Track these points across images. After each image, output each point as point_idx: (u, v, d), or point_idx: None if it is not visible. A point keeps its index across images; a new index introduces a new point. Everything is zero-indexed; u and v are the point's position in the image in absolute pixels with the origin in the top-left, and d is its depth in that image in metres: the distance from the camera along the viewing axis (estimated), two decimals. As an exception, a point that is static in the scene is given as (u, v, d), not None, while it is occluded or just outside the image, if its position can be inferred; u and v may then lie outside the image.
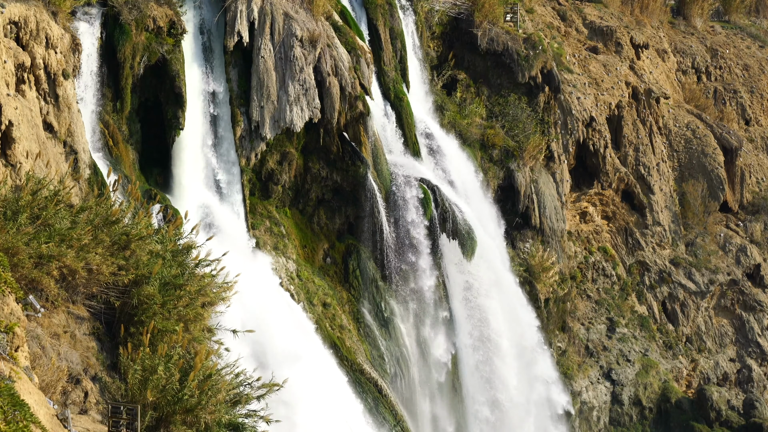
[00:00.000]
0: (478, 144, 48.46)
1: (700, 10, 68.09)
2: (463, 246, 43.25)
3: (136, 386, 18.58)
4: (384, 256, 41.58)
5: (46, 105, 30.49)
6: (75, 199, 25.71)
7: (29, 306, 18.11)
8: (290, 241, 40.28)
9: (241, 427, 19.77)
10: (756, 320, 57.72)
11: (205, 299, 21.73)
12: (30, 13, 29.60)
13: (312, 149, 41.04)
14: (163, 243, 22.15)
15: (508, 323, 45.82)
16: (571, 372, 50.79)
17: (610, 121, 55.76)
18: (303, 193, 41.41)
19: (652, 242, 56.64)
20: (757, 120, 65.50)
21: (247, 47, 38.72)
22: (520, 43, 50.28)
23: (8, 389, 14.18)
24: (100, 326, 21.00)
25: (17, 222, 19.30)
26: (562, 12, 59.85)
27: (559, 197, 51.18)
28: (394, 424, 38.92)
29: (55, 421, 16.08)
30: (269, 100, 38.66)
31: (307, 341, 37.05)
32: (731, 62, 66.84)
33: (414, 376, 42.05)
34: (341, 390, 37.24)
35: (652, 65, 60.81)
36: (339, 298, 40.89)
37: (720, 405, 53.44)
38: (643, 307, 55.46)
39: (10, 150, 27.10)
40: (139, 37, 35.22)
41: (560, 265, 50.78)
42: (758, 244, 59.85)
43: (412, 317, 42.58)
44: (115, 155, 34.89)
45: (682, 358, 55.13)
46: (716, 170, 59.13)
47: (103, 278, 20.53)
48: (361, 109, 40.84)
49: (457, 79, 50.50)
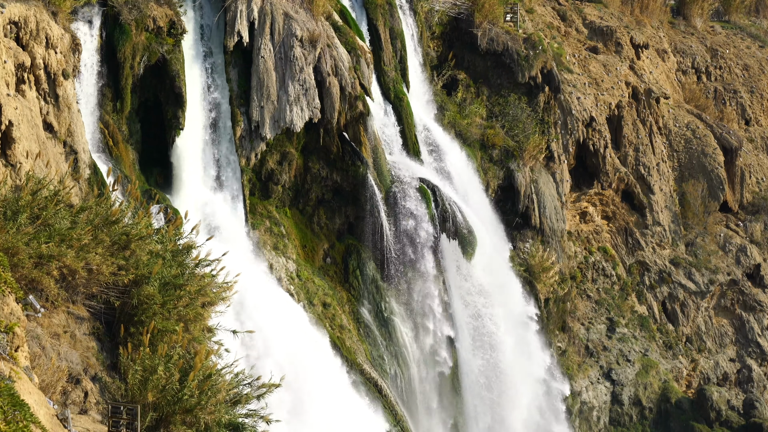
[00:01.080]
0: (478, 144, 48.46)
1: (700, 10, 68.08)
2: (464, 246, 43.25)
3: (136, 386, 18.58)
4: (384, 256, 41.57)
5: (46, 105, 30.49)
6: (75, 199, 25.71)
7: (29, 306, 18.11)
8: (290, 241, 40.29)
9: (241, 427, 19.77)
10: (756, 320, 57.72)
11: (205, 299, 21.72)
12: (30, 13, 29.60)
13: (312, 149, 41.04)
14: (163, 243, 22.14)
15: (508, 323, 45.83)
16: (571, 372, 50.79)
17: (610, 121, 55.75)
18: (303, 193, 41.41)
19: (652, 242, 56.63)
20: (757, 120, 65.49)
21: (247, 47, 38.72)
22: (520, 43, 50.28)
23: (8, 389, 14.18)
24: (100, 326, 21.00)
25: (17, 222, 19.29)
26: (562, 12, 59.84)
27: (559, 197, 51.18)
28: (394, 424, 38.92)
29: (55, 421, 16.08)
30: (269, 100, 38.66)
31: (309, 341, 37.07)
32: (731, 62, 66.83)
33: (414, 376, 42.05)
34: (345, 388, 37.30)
35: (652, 65, 60.81)
36: (339, 298, 40.89)
37: (720, 405, 53.44)
38: (643, 307, 55.46)
39: (10, 150, 27.10)
40: (139, 37, 35.22)
41: (560, 265, 50.78)
42: (758, 244, 59.84)
43: (412, 317, 42.57)
44: (115, 155, 34.88)
45: (682, 358, 55.14)
46: (716, 170, 59.13)
47: (103, 278, 20.53)
48: (361, 109, 40.84)
49: (457, 79, 50.49)
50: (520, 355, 46.44)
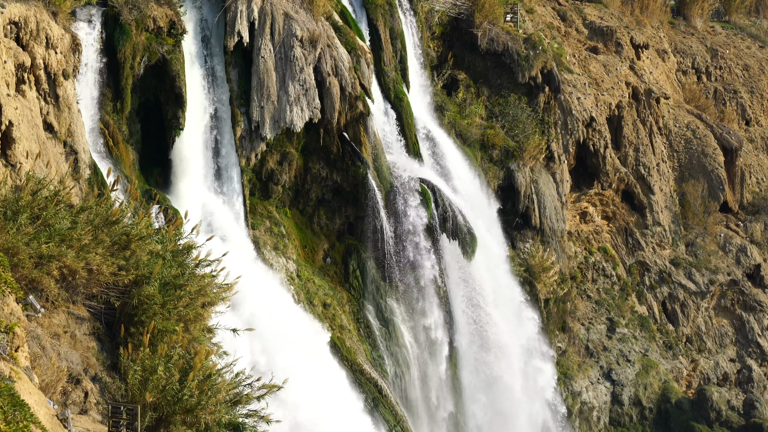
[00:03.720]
0: (478, 144, 48.46)
1: (701, 10, 68.07)
2: (464, 246, 43.24)
3: (136, 386, 18.58)
4: (384, 256, 41.57)
5: (47, 105, 30.49)
6: (75, 199, 25.70)
7: (29, 306, 18.10)
8: (290, 241, 40.29)
9: (241, 427, 19.77)
10: (756, 320, 57.71)
11: (205, 299, 21.72)
12: (30, 13, 29.60)
13: (312, 149, 41.04)
14: (163, 243, 22.13)
15: (508, 323, 45.83)
16: (571, 372, 50.79)
17: (610, 121, 55.75)
18: (303, 194, 41.41)
19: (652, 242, 56.63)
20: (757, 120, 65.49)
21: (247, 47, 38.72)
22: (520, 44, 50.28)
23: (8, 389, 14.18)
24: (101, 326, 21.00)
25: (17, 222, 19.29)
26: (562, 12, 59.84)
27: (559, 197, 51.18)
28: (394, 424, 38.92)
29: (55, 422, 16.08)
30: (269, 101, 38.66)
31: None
32: (731, 62, 66.83)
33: (414, 376, 42.05)
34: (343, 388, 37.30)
35: (652, 65, 60.81)
36: (339, 298, 40.89)
37: (720, 405, 53.44)
38: (643, 307, 55.45)
39: (10, 150, 27.11)
40: (139, 37, 35.22)
41: (560, 265, 50.78)
42: (758, 244, 59.84)
43: (412, 317, 42.56)
44: (115, 155, 34.89)
45: (682, 358, 55.13)
46: (716, 170, 59.13)
47: (104, 278, 20.52)
48: (361, 110, 40.84)
49: (457, 79, 50.50)
50: (520, 355, 46.44)
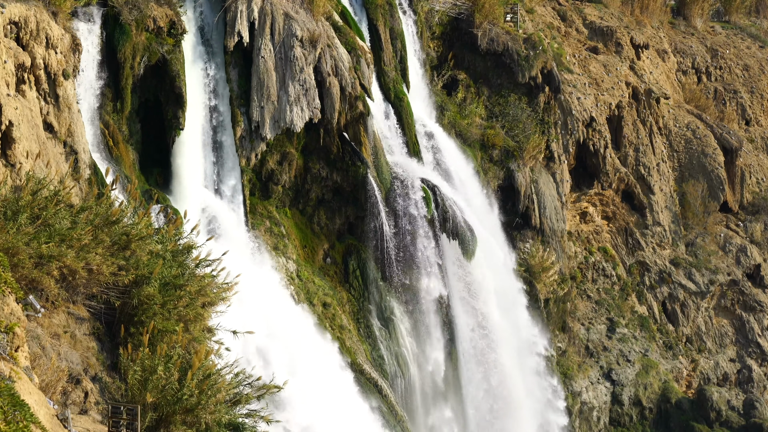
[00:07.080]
0: (478, 144, 48.47)
1: (701, 10, 68.07)
2: (464, 246, 43.24)
3: (136, 386, 18.57)
4: (384, 256, 41.57)
5: (47, 105, 30.49)
6: (75, 199, 25.69)
7: (29, 306, 18.10)
8: (290, 241, 40.29)
9: (242, 427, 19.76)
10: (756, 320, 57.71)
11: (205, 299, 21.72)
12: (30, 13, 29.60)
13: (312, 149, 41.04)
14: (163, 243, 22.12)
15: (508, 322, 45.84)
16: (571, 372, 50.79)
17: (610, 122, 55.76)
18: (303, 194, 41.41)
19: (652, 242, 56.64)
20: (757, 120, 65.49)
21: (247, 47, 38.72)
22: (520, 44, 50.28)
23: (8, 389, 14.18)
24: (100, 326, 20.99)
25: (17, 222, 19.28)
26: (562, 12, 59.84)
27: (559, 197, 51.18)
28: (394, 424, 38.93)
29: (55, 422, 16.08)
30: (269, 101, 38.67)
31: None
32: (731, 62, 66.83)
33: (414, 376, 42.06)
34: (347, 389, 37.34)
35: (652, 65, 60.81)
36: (339, 298, 40.89)
37: (720, 405, 53.44)
38: (643, 307, 55.46)
39: (10, 150, 27.11)
40: (139, 37, 35.22)
41: (560, 265, 50.79)
42: (758, 244, 59.84)
43: (413, 317, 42.57)
44: (115, 155, 34.89)
45: (682, 358, 55.14)
46: (716, 170, 59.13)
47: (104, 278, 20.51)
48: (362, 110, 40.84)
49: (457, 79, 50.50)
50: (520, 354, 46.45)
